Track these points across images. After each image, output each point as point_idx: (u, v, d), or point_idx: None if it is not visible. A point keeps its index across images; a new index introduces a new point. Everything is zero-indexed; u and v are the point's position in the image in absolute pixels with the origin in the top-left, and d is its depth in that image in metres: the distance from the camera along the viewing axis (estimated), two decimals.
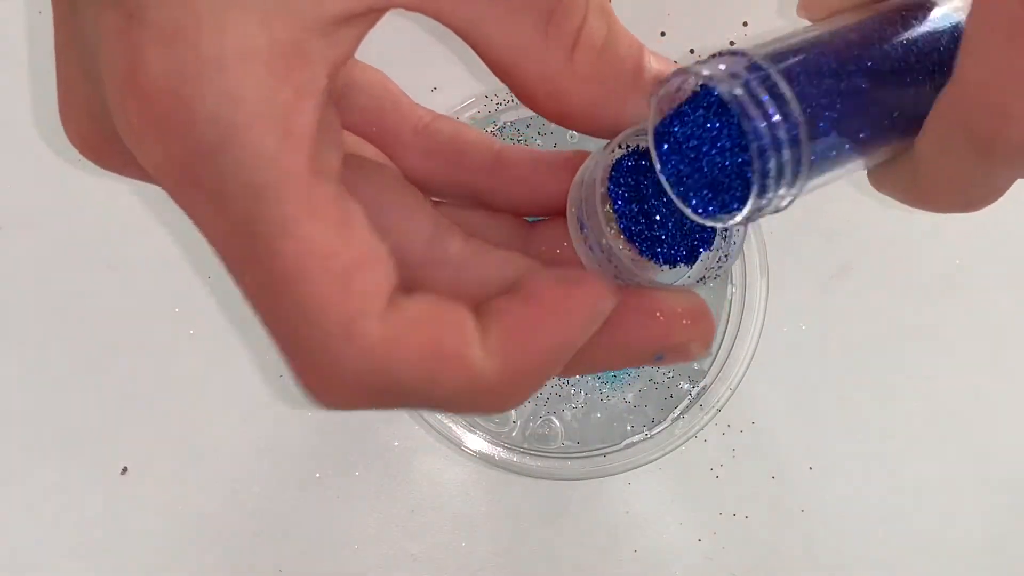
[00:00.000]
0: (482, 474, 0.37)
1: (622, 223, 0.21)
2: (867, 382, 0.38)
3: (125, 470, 0.37)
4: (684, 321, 0.20)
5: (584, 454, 0.36)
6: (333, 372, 0.18)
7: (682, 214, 0.19)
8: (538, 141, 0.37)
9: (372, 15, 0.17)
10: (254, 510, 0.37)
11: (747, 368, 0.36)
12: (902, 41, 0.20)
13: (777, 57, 0.18)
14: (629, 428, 0.37)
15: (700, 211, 0.19)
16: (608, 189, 0.21)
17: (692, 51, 0.38)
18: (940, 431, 0.38)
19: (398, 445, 0.37)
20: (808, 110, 0.18)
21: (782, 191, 0.18)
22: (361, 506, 0.37)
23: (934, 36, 0.21)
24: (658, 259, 0.21)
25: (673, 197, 0.19)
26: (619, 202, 0.21)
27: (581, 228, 0.21)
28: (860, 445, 0.37)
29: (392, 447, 0.37)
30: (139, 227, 0.38)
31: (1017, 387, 0.38)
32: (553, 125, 0.31)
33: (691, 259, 0.22)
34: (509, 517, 0.37)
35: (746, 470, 0.37)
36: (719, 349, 0.36)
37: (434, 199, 0.22)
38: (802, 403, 0.38)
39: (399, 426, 0.37)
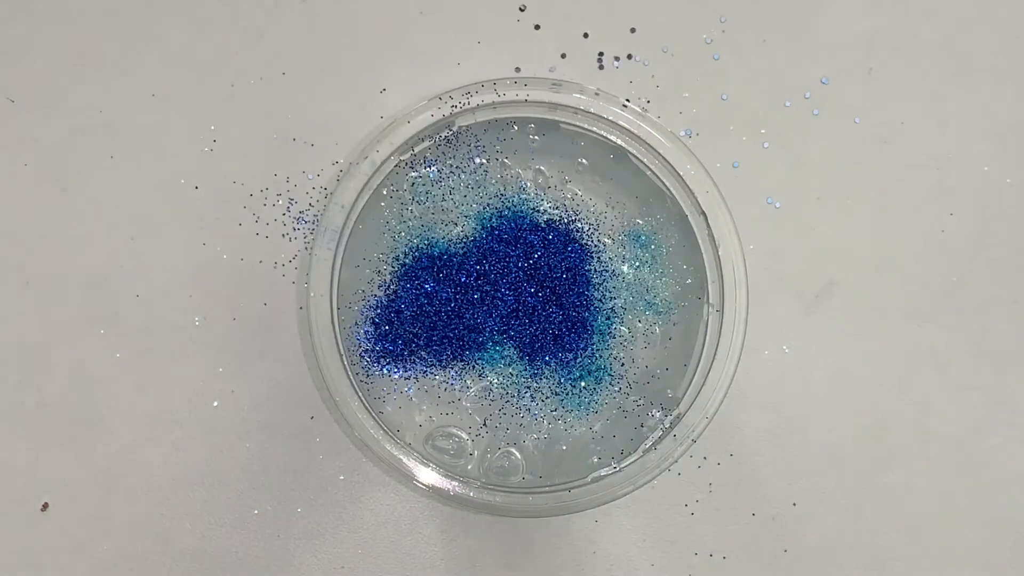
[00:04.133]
0: (436, 511, 0.35)
1: None
2: (855, 409, 0.35)
3: (46, 506, 0.34)
4: None
5: (548, 489, 0.33)
6: None
7: None
8: (497, 147, 0.34)
9: None
10: (185, 549, 0.34)
11: (725, 395, 0.33)
12: None
13: None
14: (596, 460, 0.34)
15: None
16: None
17: (665, 50, 0.35)
18: (936, 464, 0.35)
19: (344, 479, 0.34)
20: None
21: None
22: (302, 546, 0.34)
23: None
24: None
25: None
26: None
27: None
28: (848, 480, 0.35)
29: (337, 481, 0.34)
30: (61, 241, 0.35)
31: (1017, 414, 0.35)
32: (514, 132, 0.32)
33: None
34: (466, 558, 0.34)
35: (724, 506, 0.34)
36: (695, 374, 0.34)
37: None
38: (785, 433, 0.35)
39: (345, 458, 0.34)
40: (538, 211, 0.34)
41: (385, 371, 0.33)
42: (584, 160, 0.34)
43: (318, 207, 0.35)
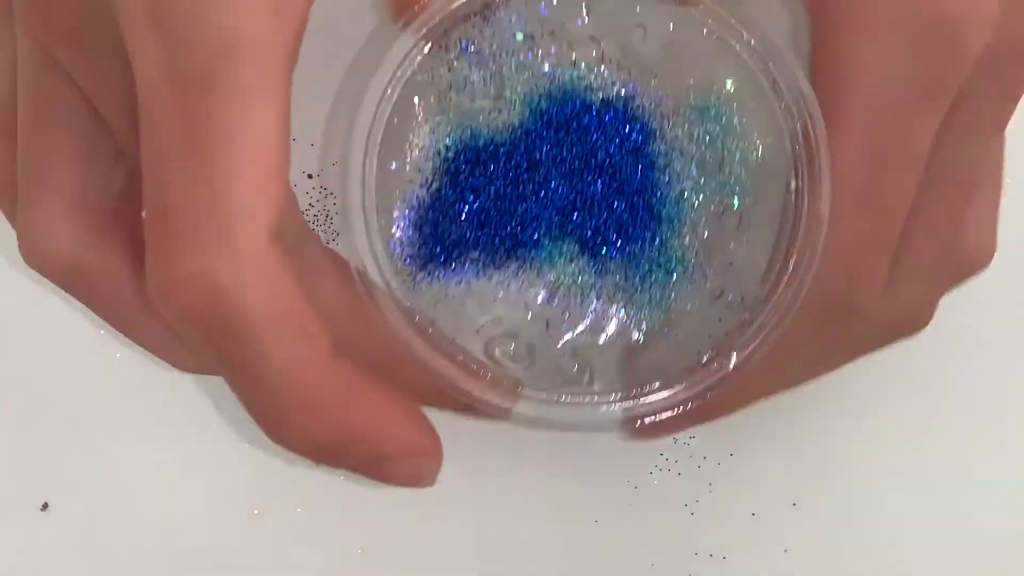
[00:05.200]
0: (437, 511, 0.35)
1: None
2: (857, 408, 0.35)
3: (46, 506, 0.35)
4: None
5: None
6: (193, 265, 0.17)
7: None
8: (539, 20, 0.31)
9: None
10: (186, 549, 0.34)
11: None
12: None
13: None
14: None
15: None
16: None
17: None
18: (937, 465, 0.35)
19: (344, 479, 0.35)
20: None
21: None
22: (304, 546, 0.34)
23: None
24: None
25: None
26: None
27: None
28: (849, 479, 0.35)
29: (337, 481, 0.35)
30: None
31: (1012, 421, 0.35)
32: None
33: None
34: (467, 558, 0.35)
35: (724, 506, 0.34)
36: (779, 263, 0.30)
37: None
38: (785, 432, 0.35)
39: None
40: (592, 88, 0.31)
41: (433, 278, 0.30)
42: (644, 26, 0.30)
43: (318, 207, 0.35)
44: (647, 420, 0.29)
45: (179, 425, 0.35)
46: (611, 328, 0.31)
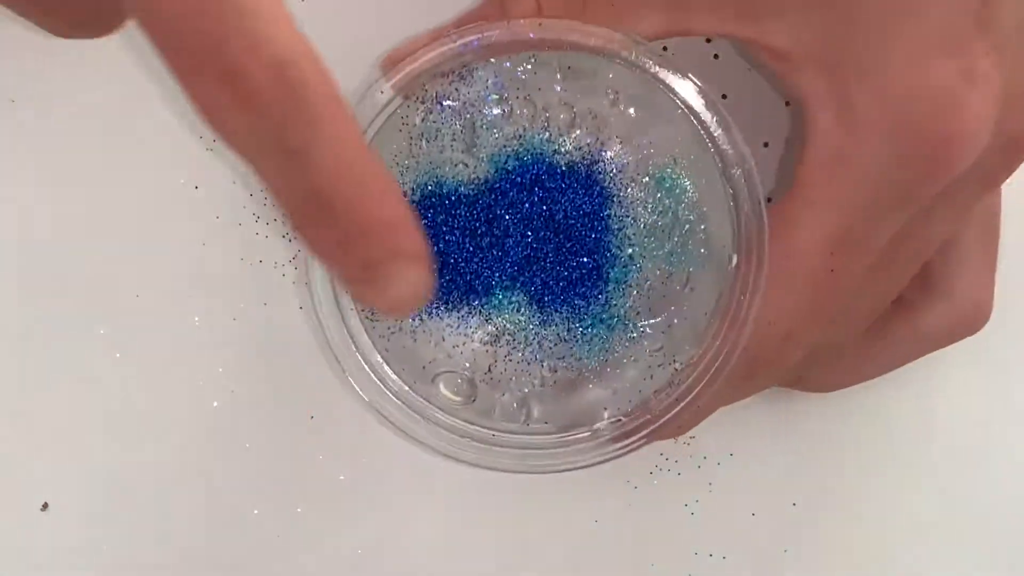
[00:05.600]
0: (436, 510, 0.35)
1: None
2: (859, 407, 0.35)
3: (45, 506, 0.34)
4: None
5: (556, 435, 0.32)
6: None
7: None
8: (517, 83, 0.33)
9: None
10: (185, 549, 0.34)
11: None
12: None
13: None
14: (604, 410, 0.32)
15: None
16: None
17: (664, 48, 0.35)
18: (939, 463, 0.35)
19: (343, 479, 0.35)
20: None
21: None
22: (302, 546, 0.34)
23: None
24: None
25: None
26: None
27: None
28: (849, 479, 0.35)
29: (337, 481, 0.34)
30: (61, 241, 0.35)
31: (1011, 421, 0.35)
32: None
33: None
34: (466, 557, 0.34)
35: (724, 506, 0.34)
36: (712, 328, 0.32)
37: None
38: (786, 431, 0.35)
39: (345, 458, 0.34)
40: (559, 151, 0.32)
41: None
42: (614, 93, 0.32)
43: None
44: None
45: (179, 425, 0.35)
46: (549, 373, 0.33)
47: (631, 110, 0.32)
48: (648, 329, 0.32)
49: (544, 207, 0.32)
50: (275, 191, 0.18)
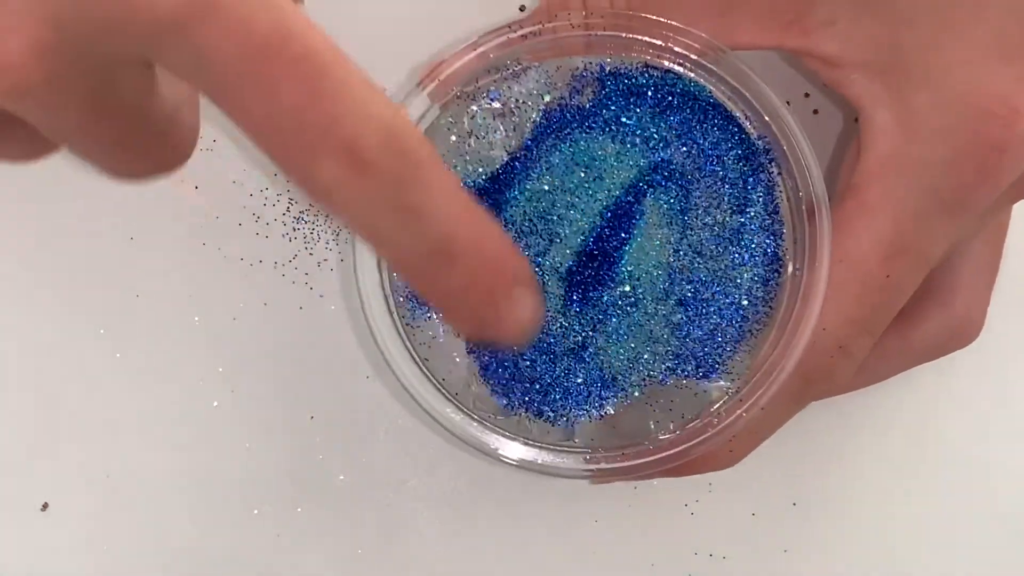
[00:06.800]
0: (436, 509, 0.35)
1: None
2: (858, 408, 0.35)
3: (45, 506, 0.34)
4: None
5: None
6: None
7: None
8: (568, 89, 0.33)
9: None
10: (185, 549, 0.34)
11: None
12: None
13: None
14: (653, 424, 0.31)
15: None
16: None
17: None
18: (938, 464, 0.35)
19: (343, 479, 0.35)
20: None
21: None
22: (302, 546, 0.34)
23: None
24: None
25: None
26: None
27: None
28: (848, 479, 0.35)
29: (337, 481, 0.34)
30: (61, 240, 0.35)
31: (1011, 422, 0.35)
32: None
33: None
34: (466, 557, 0.34)
35: (724, 506, 0.34)
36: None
37: None
38: (785, 432, 0.35)
39: (345, 458, 0.34)
40: (614, 156, 0.31)
41: (430, 315, 0.31)
42: (669, 97, 0.31)
43: (318, 207, 0.35)
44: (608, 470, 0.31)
45: (179, 425, 0.35)
46: (591, 389, 0.32)
47: (685, 114, 0.31)
48: (705, 343, 0.31)
49: (596, 206, 0.31)
50: (394, 252, 0.17)
